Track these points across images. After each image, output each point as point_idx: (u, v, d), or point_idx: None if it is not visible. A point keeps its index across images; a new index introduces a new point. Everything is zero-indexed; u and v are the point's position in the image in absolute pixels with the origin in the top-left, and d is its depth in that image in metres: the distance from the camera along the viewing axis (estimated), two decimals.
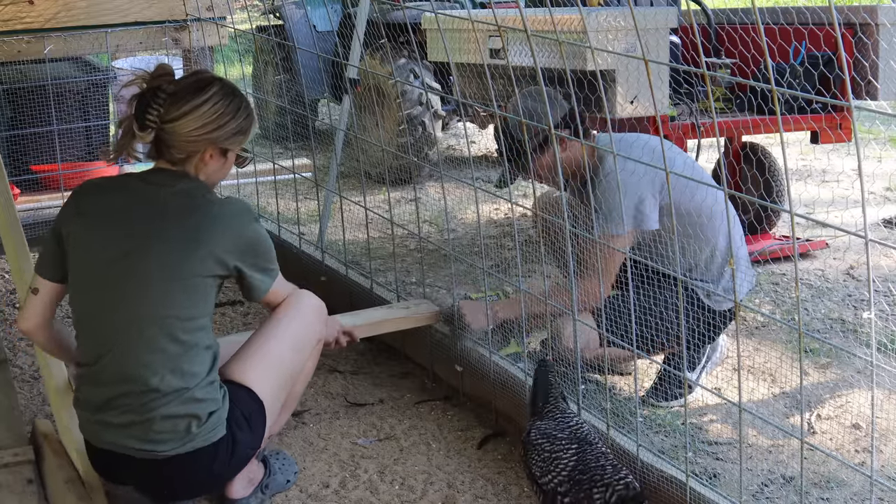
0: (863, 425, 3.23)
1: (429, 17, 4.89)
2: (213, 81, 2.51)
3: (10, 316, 4.18)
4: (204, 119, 2.46)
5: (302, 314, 2.72)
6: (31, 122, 4.85)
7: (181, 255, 2.42)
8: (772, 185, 4.85)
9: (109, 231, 2.47)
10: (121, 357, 2.44)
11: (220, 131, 2.48)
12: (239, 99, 2.53)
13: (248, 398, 2.55)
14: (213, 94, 2.47)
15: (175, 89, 2.46)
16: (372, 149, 5.95)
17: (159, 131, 2.46)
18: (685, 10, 5.00)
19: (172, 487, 2.58)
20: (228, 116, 2.49)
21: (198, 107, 2.45)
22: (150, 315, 2.42)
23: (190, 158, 2.50)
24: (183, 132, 2.46)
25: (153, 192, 2.49)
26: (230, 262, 2.47)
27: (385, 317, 3.45)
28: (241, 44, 9.09)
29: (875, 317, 3.78)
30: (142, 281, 2.43)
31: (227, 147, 2.53)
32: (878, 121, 6.10)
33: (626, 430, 2.84)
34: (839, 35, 2.03)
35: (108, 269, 2.45)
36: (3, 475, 2.70)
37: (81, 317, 2.53)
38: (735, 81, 4.65)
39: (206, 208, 2.47)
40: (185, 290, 2.43)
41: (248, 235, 2.50)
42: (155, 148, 2.51)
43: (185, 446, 2.45)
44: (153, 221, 2.46)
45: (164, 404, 2.42)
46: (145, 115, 2.44)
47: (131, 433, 2.45)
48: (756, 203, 4.75)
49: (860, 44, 4.19)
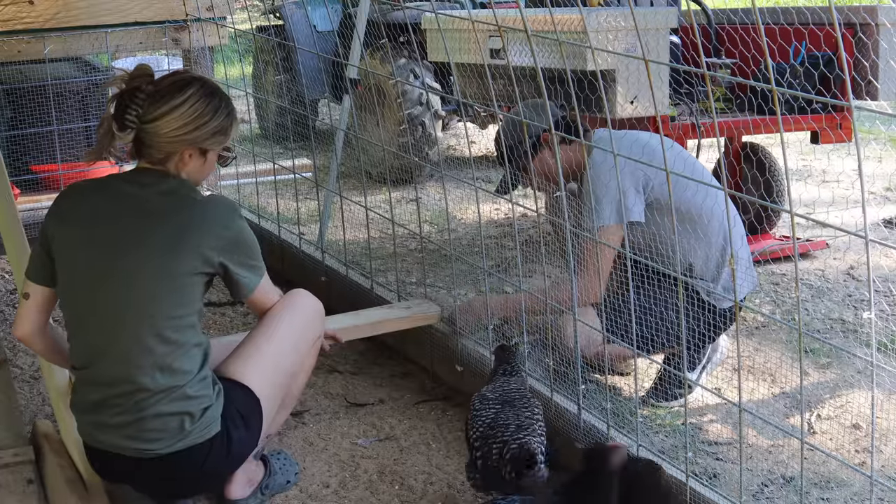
0: (863, 425, 3.23)
1: (429, 17, 4.88)
2: (192, 81, 2.50)
3: (10, 316, 4.18)
4: (182, 119, 2.45)
5: (299, 313, 2.72)
6: (31, 122, 4.85)
7: (167, 254, 2.42)
8: (772, 185, 4.85)
9: (93, 232, 2.47)
10: (111, 358, 2.44)
11: (199, 132, 2.48)
12: (218, 99, 2.52)
13: (244, 396, 2.55)
14: (191, 94, 2.47)
15: (154, 90, 2.46)
16: (372, 149, 5.95)
17: (139, 131, 2.46)
18: (685, 10, 5.00)
19: (169, 486, 2.58)
20: (207, 116, 2.48)
21: (176, 107, 2.45)
22: (137, 315, 2.42)
23: (169, 158, 2.49)
24: (162, 132, 2.45)
25: (136, 192, 2.49)
26: (215, 258, 2.46)
27: (385, 317, 3.45)
28: (241, 44, 9.09)
29: (875, 317, 3.78)
30: (127, 281, 2.43)
31: (206, 147, 2.52)
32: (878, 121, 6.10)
33: (627, 430, 2.84)
34: (839, 35, 2.03)
35: (94, 270, 2.45)
36: (3, 475, 2.70)
37: (71, 319, 2.53)
38: (735, 81, 4.65)
39: (190, 206, 2.48)
40: (171, 289, 2.43)
41: (233, 232, 2.50)
42: (135, 148, 2.51)
43: (179, 443, 2.45)
44: (137, 221, 2.46)
45: (154, 403, 2.42)
46: (124, 116, 2.45)
47: (125, 433, 2.45)
48: (756, 203, 4.76)
49: (860, 44, 4.19)
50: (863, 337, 3.86)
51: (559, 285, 3.20)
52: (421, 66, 5.86)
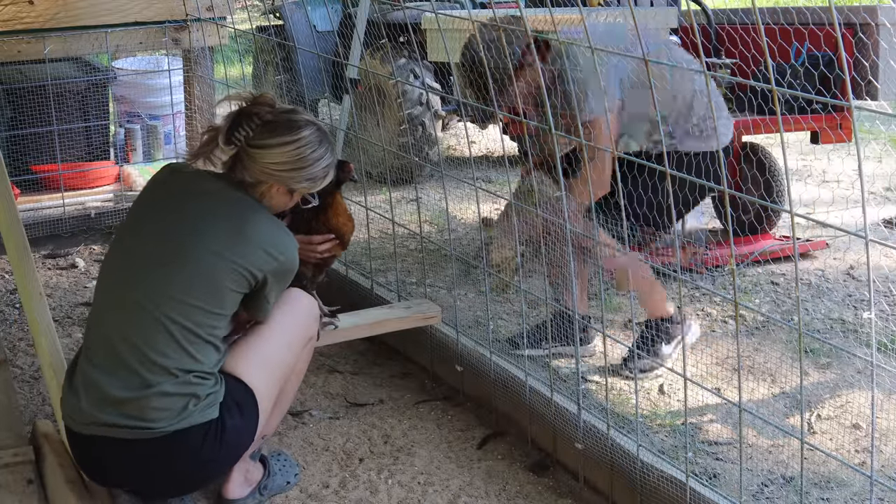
0: (863, 425, 3.24)
1: (429, 17, 4.89)
2: (307, 125, 2.57)
3: (10, 316, 4.18)
4: (285, 157, 2.53)
5: (293, 312, 2.74)
6: (31, 122, 4.85)
7: (221, 252, 2.49)
8: (772, 185, 4.85)
9: (162, 210, 2.58)
10: (134, 330, 2.48)
11: (295, 174, 2.56)
12: (325, 149, 2.59)
13: (240, 388, 2.56)
14: (302, 136, 2.54)
15: (270, 119, 2.54)
16: (372, 149, 5.96)
17: (241, 150, 2.53)
18: (685, 10, 5.00)
19: (160, 476, 2.54)
20: (308, 163, 2.56)
21: (285, 144, 2.53)
22: (174, 299, 2.47)
23: (258, 185, 2.58)
24: (262, 161, 2.53)
25: (217, 190, 2.57)
26: (259, 274, 2.53)
27: (385, 317, 3.45)
28: (241, 44, 9.09)
29: (875, 317, 3.78)
30: (168, 268, 2.49)
31: (294, 188, 2.60)
32: (878, 121, 6.09)
33: (626, 430, 2.84)
34: (839, 35, 2.03)
35: (145, 245, 2.55)
36: (3, 475, 2.70)
37: (108, 281, 2.61)
38: (735, 81, 4.65)
39: (255, 219, 2.54)
40: (210, 290, 2.49)
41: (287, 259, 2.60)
42: (231, 163, 2.58)
43: (177, 423, 2.44)
44: (203, 215, 2.54)
45: (163, 382, 2.43)
46: (234, 132, 2.51)
47: (125, 410, 2.44)
48: (756, 203, 4.76)
49: (860, 44, 4.19)
50: (863, 337, 3.86)
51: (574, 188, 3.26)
52: (421, 66, 5.86)
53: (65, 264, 4.77)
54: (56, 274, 4.66)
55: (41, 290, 3.14)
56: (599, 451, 2.83)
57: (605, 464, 2.81)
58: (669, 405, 3.41)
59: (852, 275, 4.54)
